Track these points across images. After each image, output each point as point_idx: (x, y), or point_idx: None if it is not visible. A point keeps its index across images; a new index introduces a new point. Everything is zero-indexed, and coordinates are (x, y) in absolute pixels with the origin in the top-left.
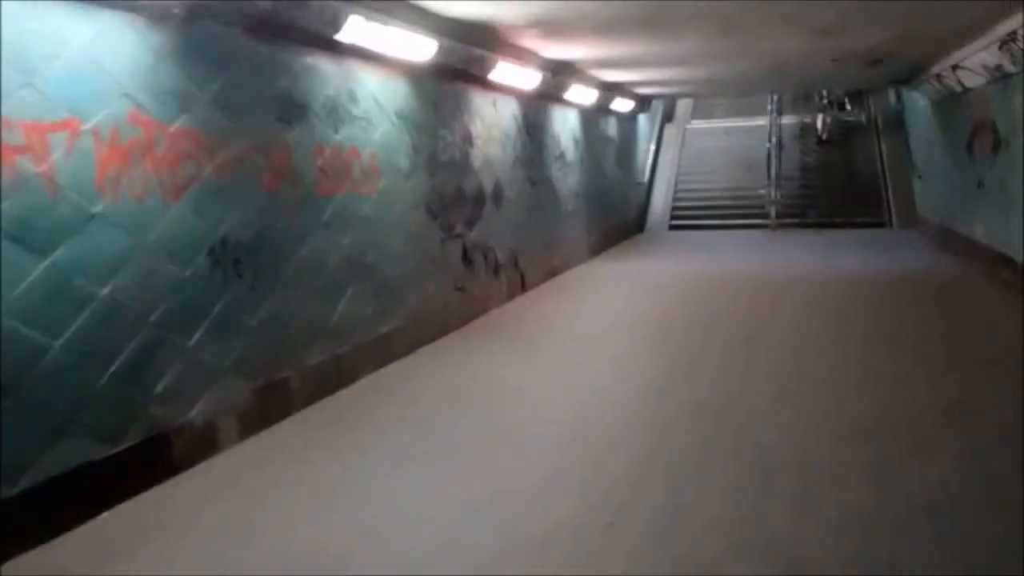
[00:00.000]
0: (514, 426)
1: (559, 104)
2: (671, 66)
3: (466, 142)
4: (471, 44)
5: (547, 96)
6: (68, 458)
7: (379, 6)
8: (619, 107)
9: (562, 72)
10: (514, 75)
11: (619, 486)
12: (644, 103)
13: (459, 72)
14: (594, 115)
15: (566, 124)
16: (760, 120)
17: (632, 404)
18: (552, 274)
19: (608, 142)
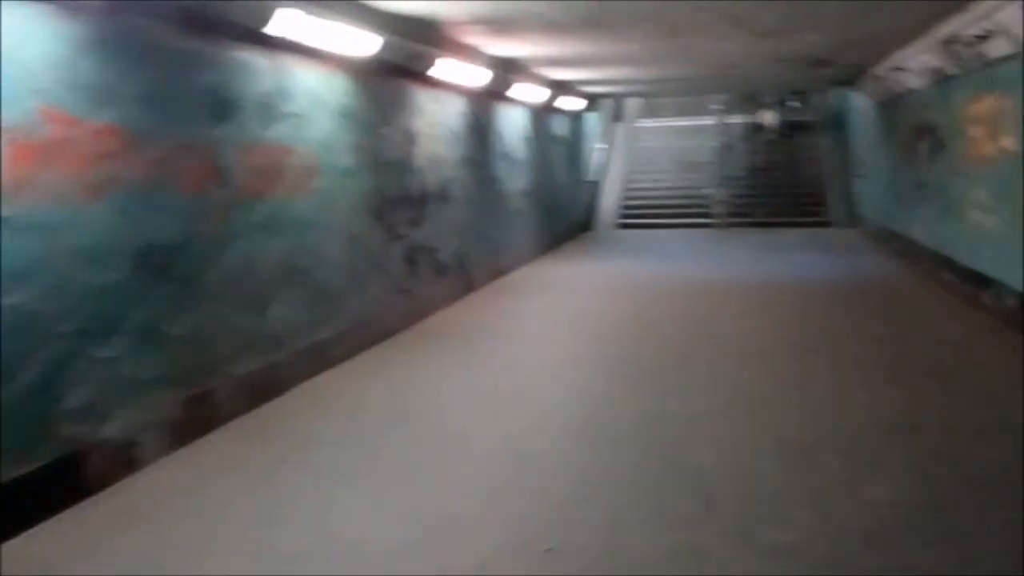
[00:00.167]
0: (451, 441)
1: (507, 102)
2: (619, 65)
3: (410, 141)
4: (415, 40)
5: (494, 94)
6: None
7: (317, 1)
8: (568, 106)
9: (509, 70)
10: (460, 72)
11: (557, 510)
12: (593, 102)
13: (403, 69)
14: (543, 114)
15: (514, 123)
16: (708, 120)
17: (573, 418)
18: (499, 274)
19: (557, 141)
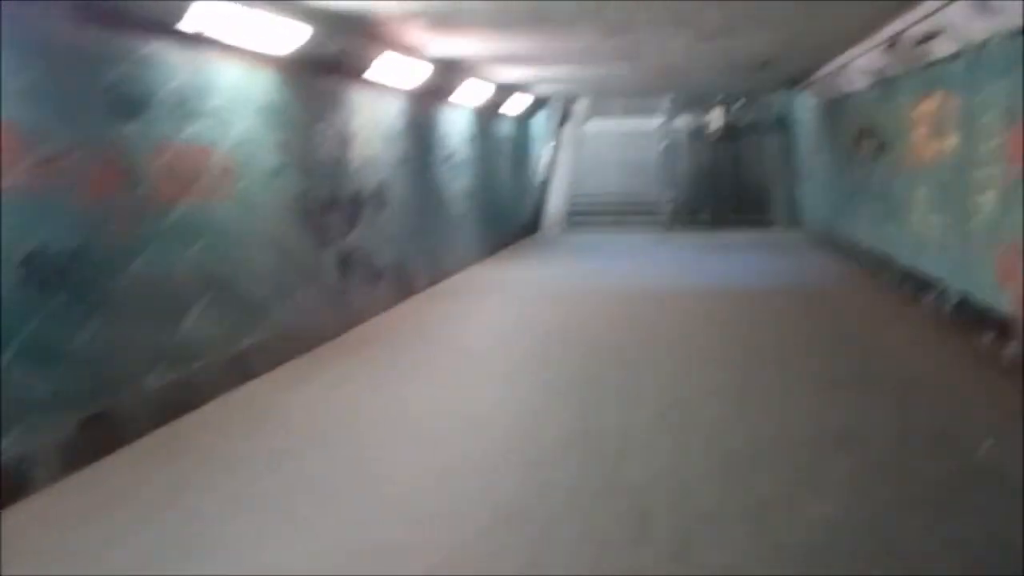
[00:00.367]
0: (373, 460)
1: (449, 103)
2: (564, 65)
3: (344, 141)
4: (347, 36)
5: (436, 94)
6: None
7: None
8: (514, 107)
9: (451, 69)
10: (398, 71)
11: (483, 535)
12: (540, 103)
13: (335, 65)
14: (487, 114)
15: (457, 123)
16: (655, 121)
17: (506, 434)
18: (441, 279)
19: (502, 142)
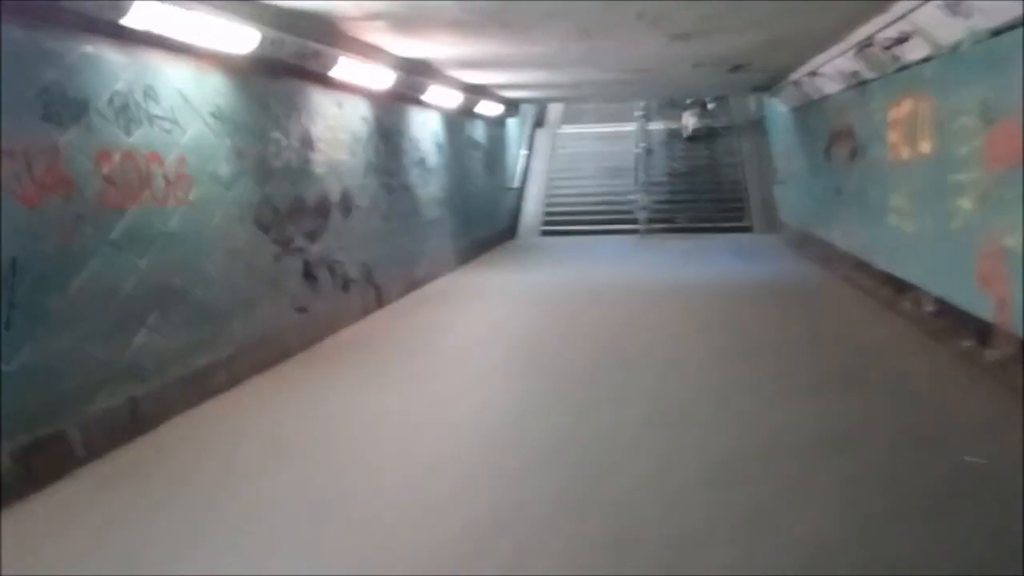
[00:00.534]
0: (337, 482)
1: (418, 106)
2: (534, 69)
3: (306, 146)
4: (305, 37)
5: (404, 97)
6: None
7: None
8: (487, 111)
9: (419, 72)
10: (362, 73)
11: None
12: (513, 107)
13: (294, 68)
14: (459, 118)
15: (427, 127)
16: (630, 126)
17: (485, 444)
18: (413, 287)
19: (475, 146)
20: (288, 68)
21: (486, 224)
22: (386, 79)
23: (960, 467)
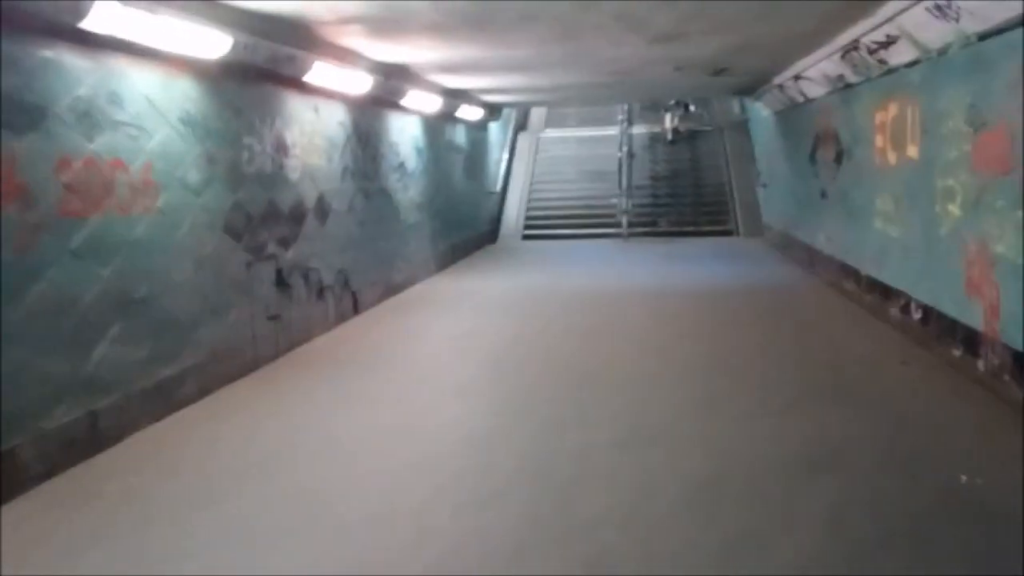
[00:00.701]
0: (303, 503)
1: (397, 111)
2: (513, 72)
3: (280, 151)
4: (279, 41)
5: (382, 102)
6: None
7: None
8: (467, 115)
9: (398, 76)
10: (338, 77)
11: None
12: (494, 111)
13: (268, 72)
14: (439, 123)
15: (406, 132)
16: (612, 130)
17: (452, 465)
18: (392, 292)
19: (456, 151)
20: (262, 73)
21: (466, 228)
22: (364, 83)
23: (952, 489)
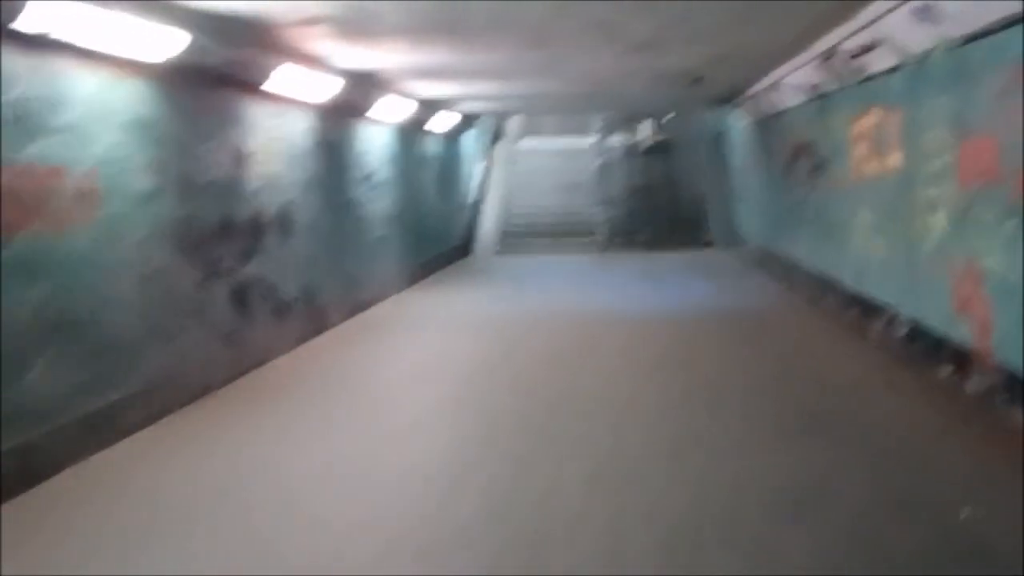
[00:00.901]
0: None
1: (366, 119)
2: (488, 80)
3: (237, 160)
4: (237, 43)
5: (350, 109)
6: None
7: None
8: (441, 124)
9: (366, 83)
10: (303, 83)
11: None
12: (469, 120)
13: (225, 77)
14: (411, 132)
15: (376, 141)
16: (589, 140)
17: (409, 509)
18: (359, 309)
19: (429, 161)
20: (219, 77)
21: (439, 242)
22: (330, 90)
23: (952, 527)
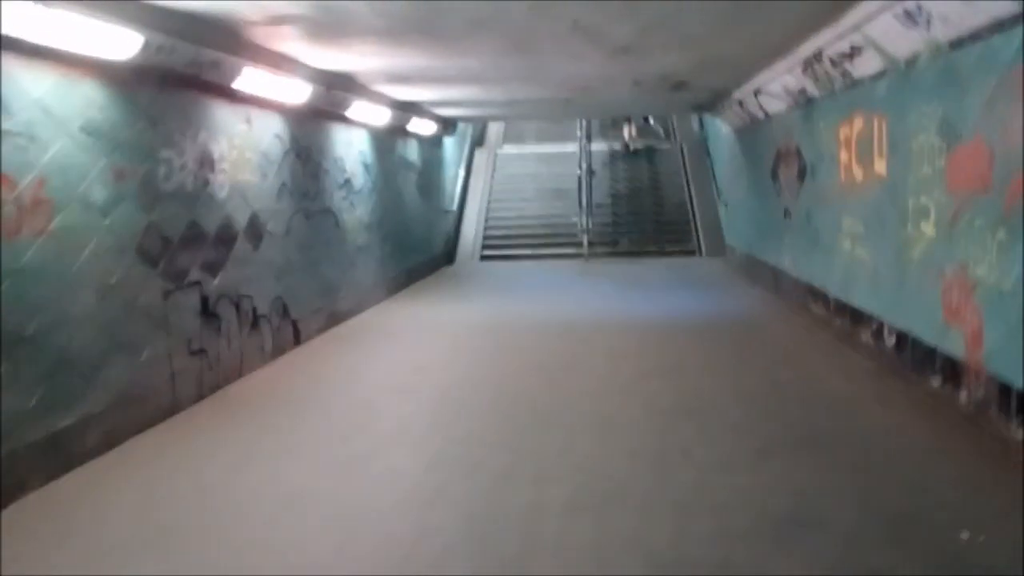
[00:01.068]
0: None
1: (342, 123)
2: (467, 84)
3: (205, 166)
4: (201, 43)
5: (325, 113)
6: None
7: None
8: (420, 129)
9: (342, 87)
10: (274, 86)
11: None
12: (449, 126)
13: (190, 78)
14: (389, 137)
15: (353, 146)
16: (571, 146)
17: (381, 536)
18: (336, 321)
19: (408, 167)
20: (183, 78)
21: (420, 250)
22: (303, 93)
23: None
